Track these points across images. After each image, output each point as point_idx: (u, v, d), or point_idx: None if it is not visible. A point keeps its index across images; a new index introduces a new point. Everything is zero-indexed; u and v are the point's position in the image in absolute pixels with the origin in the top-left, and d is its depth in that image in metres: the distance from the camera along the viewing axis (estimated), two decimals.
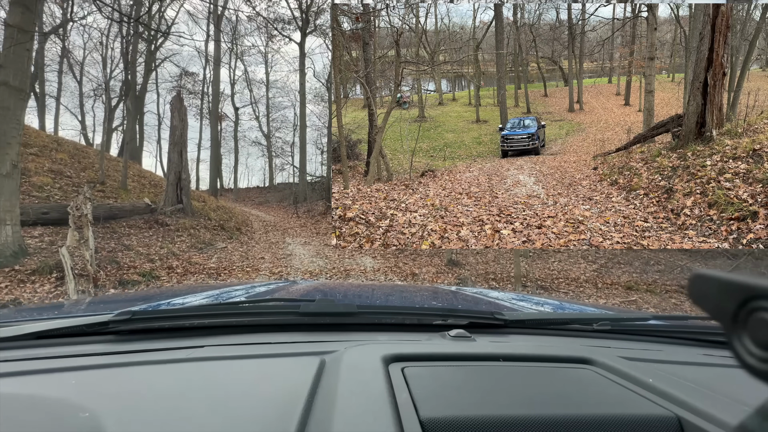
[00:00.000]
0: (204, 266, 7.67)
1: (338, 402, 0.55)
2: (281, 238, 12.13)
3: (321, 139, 27.41)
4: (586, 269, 9.07)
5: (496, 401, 0.58)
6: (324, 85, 24.87)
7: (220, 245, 9.51)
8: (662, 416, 0.57)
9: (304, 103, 20.90)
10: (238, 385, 0.65)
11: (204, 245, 9.12)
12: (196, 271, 7.28)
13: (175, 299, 1.44)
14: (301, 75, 20.82)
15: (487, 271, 8.47)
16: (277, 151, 28.33)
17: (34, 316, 1.11)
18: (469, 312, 1.08)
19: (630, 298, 6.87)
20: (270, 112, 27.37)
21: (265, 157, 28.63)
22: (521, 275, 7.62)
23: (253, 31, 26.86)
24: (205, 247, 9.05)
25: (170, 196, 10.05)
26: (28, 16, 5.97)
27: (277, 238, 12.08)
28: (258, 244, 10.81)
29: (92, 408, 0.57)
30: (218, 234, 10.43)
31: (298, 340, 0.89)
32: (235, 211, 15.22)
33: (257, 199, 23.53)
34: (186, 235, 9.14)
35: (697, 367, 0.85)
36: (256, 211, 18.45)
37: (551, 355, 0.78)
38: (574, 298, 6.82)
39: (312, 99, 25.02)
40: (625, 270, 9.09)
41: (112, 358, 0.77)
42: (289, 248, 10.49)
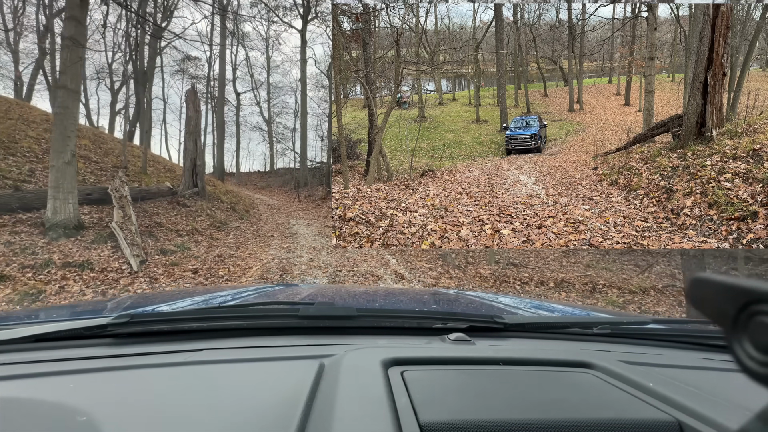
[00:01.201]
0: (224, 241, 8.91)
1: (337, 406, 0.55)
2: (286, 219, 13.09)
3: (321, 126, 28.03)
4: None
5: (496, 405, 0.58)
6: (323, 73, 24.98)
7: (234, 224, 10.65)
8: (663, 420, 0.57)
9: (305, 91, 21.17)
10: (236, 389, 0.65)
11: (221, 224, 10.24)
12: (219, 245, 8.52)
13: (173, 302, 1.44)
14: (302, 62, 20.93)
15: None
16: (278, 136, 28.82)
17: (33, 318, 1.10)
18: (468, 315, 1.07)
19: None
20: (271, 98, 27.77)
21: (266, 142, 29.18)
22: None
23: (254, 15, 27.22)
24: (222, 226, 10.15)
25: (187, 181, 11.01)
26: (81, 29, 6.96)
27: (282, 219, 13.09)
28: (266, 225, 11.85)
29: (90, 411, 0.57)
30: (231, 215, 11.46)
31: (297, 343, 0.89)
32: (241, 194, 15.97)
33: (259, 183, 24.09)
34: (204, 215, 10.20)
35: (698, 371, 0.84)
36: (259, 195, 19.12)
37: (551, 359, 0.78)
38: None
39: (313, 86, 25.22)
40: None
41: (111, 362, 0.77)
42: (294, 228, 11.55)
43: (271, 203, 16.59)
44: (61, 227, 6.38)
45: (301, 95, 21.24)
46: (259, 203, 15.86)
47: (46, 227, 6.34)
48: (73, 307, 1.42)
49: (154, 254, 6.99)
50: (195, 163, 11.18)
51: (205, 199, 11.10)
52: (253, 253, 8.35)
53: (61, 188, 6.44)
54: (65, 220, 6.46)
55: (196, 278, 6.43)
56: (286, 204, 16.91)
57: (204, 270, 6.84)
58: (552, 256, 9.70)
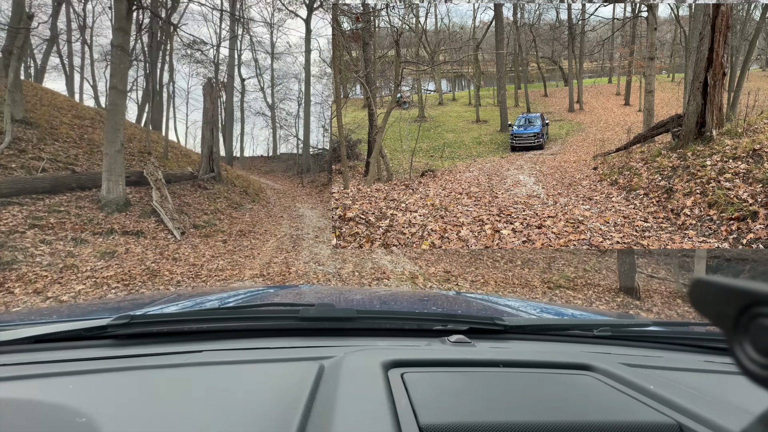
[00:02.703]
0: (242, 219, 10.25)
1: (337, 408, 0.55)
2: (292, 203, 14.39)
3: (324, 113, 28.62)
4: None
5: (496, 407, 0.58)
6: (327, 63, 25.25)
7: (248, 206, 11.94)
8: (663, 423, 0.57)
9: (309, 80, 21.47)
10: (236, 391, 0.65)
11: (237, 205, 11.54)
12: (238, 223, 9.86)
13: (173, 304, 1.44)
14: (306, 52, 21.18)
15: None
16: (281, 122, 29.35)
17: (33, 319, 1.10)
18: (468, 317, 1.07)
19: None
20: (274, 84, 28.15)
21: (269, 127, 29.85)
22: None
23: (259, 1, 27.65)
24: (239, 207, 11.43)
25: (205, 166, 12.32)
26: (127, 38, 8.25)
27: (288, 203, 14.34)
28: (275, 207, 13.16)
29: (89, 413, 0.56)
30: (244, 197, 12.69)
31: (297, 345, 0.89)
32: (250, 179, 16.92)
33: (263, 168, 24.75)
34: (222, 198, 11.39)
35: (698, 373, 0.84)
36: (264, 179, 19.86)
37: (551, 361, 0.78)
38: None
39: (316, 73, 25.51)
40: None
41: (110, 363, 0.77)
42: (300, 211, 12.92)
43: (277, 188, 17.53)
44: (114, 204, 7.69)
45: (305, 84, 21.69)
46: (265, 187, 16.79)
47: (101, 203, 7.64)
48: (73, 308, 1.42)
49: (189, 227, 8.40)
50: (212, 151, 12.55)
51: (221, 183, 12.40)
52: (268, 230, 9.79)
53: (113, 172, 7.76)
54: (117, 198, 7.79)
55: (226, 246, 7.82)
56: (291, 189, 17.82)
57: (231, 241, 8.23)
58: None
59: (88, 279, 5.31)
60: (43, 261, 5.51)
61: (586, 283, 7.86)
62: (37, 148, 8.83)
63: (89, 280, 5.26)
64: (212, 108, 12.66)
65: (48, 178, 7.62)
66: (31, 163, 8.13)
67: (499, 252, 9.52)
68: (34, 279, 4.98)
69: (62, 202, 7.35)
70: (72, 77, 21.42)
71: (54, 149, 9.24)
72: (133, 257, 6.32)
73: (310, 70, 21.40)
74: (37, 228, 6.27)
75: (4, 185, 6.83)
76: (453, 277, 7.39)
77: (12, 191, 6.85)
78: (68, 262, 5.63)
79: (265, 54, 27.71)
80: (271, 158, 27.83)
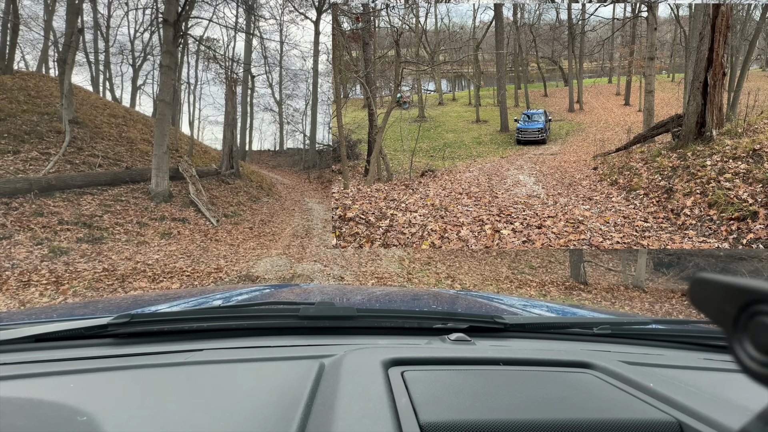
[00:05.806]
0: (261, 211, 11.70)
1: (337, 406, 0.55)
2: (300, 197, 15.62)
3: (330, 111, 29.10)
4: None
5: (496, 405, 0.58)
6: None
7: (264, 199, 13.34)
8: (663, 421, 0.57)
9: (317, 80, 21.99)
10: (237, 389, 0.65)
11: (255, 199, 12.90)
12: (258, 214, 11.32)
13: (173, 302, 1.44)
14: (315, 53, 21.59)
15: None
16: (288, 118, 29.96)
17: (33, 318, 1.10)
18: (469, 316, 1.07)
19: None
20: (282, 81, 28.82)
21: (276, 123, 30.46)
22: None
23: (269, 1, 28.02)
24: (257, 200, 12.83)
25: (225, 163, 13.75)
26: (173, 59, 9.99)
27: (297, 197, 15.61)
28: (287, 201, 14.44)
29: (90, 411, 0.56)
30: (260, 191, 14.00)
31: (298, 343, 0.89)
32: (262, 174, 17.95)
33: (270, 162, 25.46)
34: (242, 192, 12.76)
35: (698, 371, 0.85)
36: (272, 174, 20.62)
37: (551, 360, 0.78)
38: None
39: (323, 71, 26.00)
40: None
41: (111, 362, 0.77)
42: (309, 205, 14.35)
43: (286, 182, 18.65)
44: (161, 196, 9.26)
45: (312, 85, 22.25)
46: (276, 182, 17.89)
47: (151, 195, 9.19)
48: (74, 307, 1.42)
49: (221, 216, 9.86)
50: (231, 149, 14.03)
51: (240, 179, 13.86)
52: (284, 220, 11.31)
53: (161, 169, 9.34)
54: (163, 191, 9.32)
55: (253, 232, 9.39)
56: (299, 184, 18.91)
57: (255, 228, 9.77)
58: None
59: (159, 251, 6.80)
60: (121, 238, 7.02)
61: (546, 272, 9.76)
62: (90, 146, 10.31)
63: (160, 252, 6.78)
64: (232, 111, 14.10)
65: (108, 173, 9.21)
66: (87, 159, 9.61)
67: (469, 250, 10.39)
68: (120, 250, 6.51)
69: (121, 193, 8.82)
70: (97, 74, 21.96)
71: (103, 147, 10.67)
72: (184, 237, 7.85)
73: (318, 71, 21.86)
74: (110, 213, 7.81)
75: (79, 178, 8.44)
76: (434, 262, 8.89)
77: (84, 183, 8.45)
78: (139, 239, 7.18)
79: (274, 52, 28.24)
80: (278, 153, 28.55)
